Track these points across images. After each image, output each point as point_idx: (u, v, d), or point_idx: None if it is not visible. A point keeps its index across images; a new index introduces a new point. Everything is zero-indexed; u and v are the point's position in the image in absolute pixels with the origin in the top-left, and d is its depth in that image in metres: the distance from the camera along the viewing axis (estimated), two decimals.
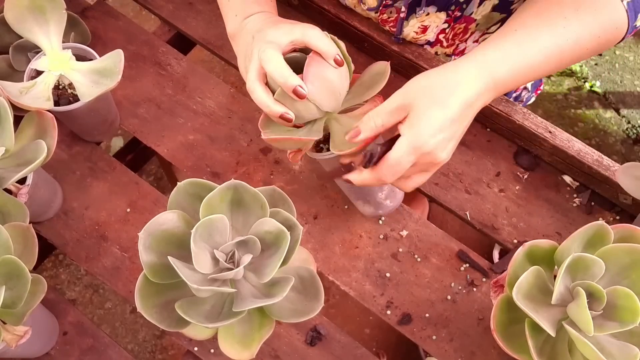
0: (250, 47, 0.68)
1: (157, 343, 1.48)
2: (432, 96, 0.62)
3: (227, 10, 0.75)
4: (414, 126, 0.62)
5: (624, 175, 0.73)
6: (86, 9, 0.95)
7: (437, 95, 0.62)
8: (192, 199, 0.64)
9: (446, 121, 0.62)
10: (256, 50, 0.66)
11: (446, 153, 0.64)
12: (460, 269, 0.80)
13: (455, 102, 0.62)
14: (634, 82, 1.83)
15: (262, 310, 0.65)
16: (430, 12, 0.83)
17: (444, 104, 0.62)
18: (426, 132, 0.61)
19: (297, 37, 0.65)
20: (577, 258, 0.58)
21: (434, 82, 0.63)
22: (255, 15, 0.72)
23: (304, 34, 0.65)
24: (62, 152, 0.87)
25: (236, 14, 0.74)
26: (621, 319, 0.57)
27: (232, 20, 0.74)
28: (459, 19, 0.84)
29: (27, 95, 0.74)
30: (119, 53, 0.76)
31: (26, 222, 0.70)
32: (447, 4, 0.81)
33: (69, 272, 1.55)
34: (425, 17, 0.83)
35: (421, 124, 0.61)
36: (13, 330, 0.66)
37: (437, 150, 0.63)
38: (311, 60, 0.64)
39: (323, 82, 0.65)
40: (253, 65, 0.66)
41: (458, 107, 0.62)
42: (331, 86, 0.66)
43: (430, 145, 0.62)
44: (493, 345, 0.75)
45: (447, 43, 0.88)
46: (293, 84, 0.63)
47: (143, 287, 0.62)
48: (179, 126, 0.88)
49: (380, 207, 0.79)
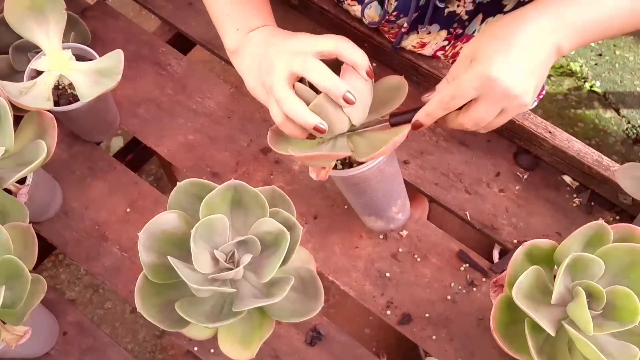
0: (265, 60, 0.65)
1: (157, 343, 1.48)
2: (493, 33, 0.59)
3: (226, 24, 0.71)
4: (476, 59, 0.59)
5: (623, 176, 0.73)
6: (86, 9, 0.95)
7: (497, 31, 0.59)
8: (192, 199, 0.64)
9: (509, 48, 0.58)
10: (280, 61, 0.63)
11: (519, 86, 0.58)
12: (460, 269, 0.80)
13: (518, 31, 0.58)
14: (634, 82, 1.83)
15: (262, 310, 0.65)
16: (432, 30, 0.82)
17: (505, 34, 0.58)
18: (489, 59, 0.57)
19: (329, 48, 0.62)
20: (577, 258, 0.58)
21: (495, 23, 0.61)
22: (260, 29, 0.69)
23: (337, 46, 0.62)
24: (62, 152, 0.87)
25: (237, 28, 0.70)
26: (621, 319, 0.57)
27: (232, 34, 0.70)
28: (460, 36, 0.84)
29: (27, 95, 0.74)
30: (119, 53, 0.76)
31: (26, 222, 0.70)
32: (450, 22, 0.81)
33: (69, 272, 1.55)
34: (426, 35, 0.83)
35: (483, 55, 0.58)
36: (13, 330, 0.66)
37: (505, 80, 0.57)
38: (345, 71, 0.62)
39: (356, 93, 0.62)
40: (281, 75, 0.62)
41: (522, 36, 0.58)
42: (362, 98, 0.63)
43: (495, 73, 0.57)
44: (493, 345, 0.75)
45: (445, 59, 0.88)
46: (343, 90, 0.60)
47: (143, 287, 0.62)
48: (179, 126, 0.88)
49: (392, 222, 0.79)
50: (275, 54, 0.64)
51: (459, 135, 0.87)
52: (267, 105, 0.65)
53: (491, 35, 0.60)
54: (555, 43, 0.60)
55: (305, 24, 0.94)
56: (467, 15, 0.80)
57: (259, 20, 0.70)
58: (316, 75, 0.61)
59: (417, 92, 0.89)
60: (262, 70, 0.65)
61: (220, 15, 0.72)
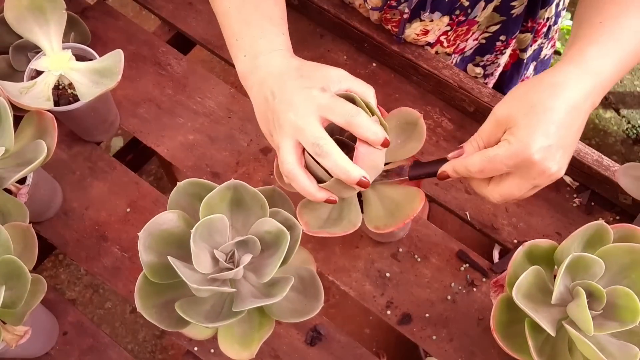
0: (273, 114, 0.61)
1: (157, 343, 1.48)
2: (532, 102, 0.56)
3: (235, 49, 0.67)
4: (513, 133, 0.56)
5: (624, 176, 0.73)
6: (86, 9, 0.95)
7: (536, 100, 0.56)
8: (192, 199, 0.64)
9: (550, 126, 0.55)
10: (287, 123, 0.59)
11: (556, 164, 0.57)
12: (460, 269, 0.80)
13: (558, 105, 0.56)
14: (634, 82, 1.83)
15: (262, 310, 0.65)
16: (435, 18, 0.82)
17: (545, 107, 0.55)
18: (529, 140, 0.55)
19: (339, 122, 0.59)
20: (577, 258, 0.58)
21: (532, 88, 0.57)
22: (268, 56, 0.64)
23: (349, 123, 0.58)
24: (62, 152, 0.87)
25: (245, 54, 0.65)
26: (621, 319, 0.57)
27: (241, 61, 0.66)
28: (462, 22, 0.84)
29: (27, 95, 0.74)
30: (119, 53, 0.76)
31: (26, 222, 0.70)
32: (452, 9, 0.81)
33: (69, 272, 1.55)
34: (429, 23, 0.83)
35: (521, 131, 0.55)
36: (13, 330, 0.66)
37: (545, 161, 0.56)
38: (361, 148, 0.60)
39: (370, 163, 0.60)
40: (288, 146, 0.59)
41: (563, 110, 0.56)
42: (376, 165, 0.62)
43: (536, 156, 0.55)
44: (493, 345, 0.75)
45: (447, 43, 0.88)
46: (357, 177, 0.58)
47: (143, 287, 0.62)
48: (179, 126, 0.88)
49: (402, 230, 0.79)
50: (282, 113, 0.60)
51: (459, 135, 0.87)
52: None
53: (529, 104, 0.56)
54: (592, 105, 0.59)
55: (305, 24, 0.94)
56: (469, 2, 0.80)
57: (267, 42, 0.65)
58: (330, 164, 0.58)
59: (418, 92, 0.90)
60: (270, 122, 0.63)
61: (230, 38, 0.68)
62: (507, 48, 0.91)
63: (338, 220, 0.66)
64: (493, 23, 0.85)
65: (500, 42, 0.89)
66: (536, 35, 0.92)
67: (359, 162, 0.59)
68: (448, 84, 0.85)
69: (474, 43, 0.91)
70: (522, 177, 0.58)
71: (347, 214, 0.67)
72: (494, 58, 0.93)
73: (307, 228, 0.65)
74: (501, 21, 0.85)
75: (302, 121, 0.59)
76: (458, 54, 0.92)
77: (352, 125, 0.58)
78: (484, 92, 0.84)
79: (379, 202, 0.66)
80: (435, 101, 0.89)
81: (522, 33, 0.90)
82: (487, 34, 0.88)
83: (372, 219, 0.65)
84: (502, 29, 0.87)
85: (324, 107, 0.59)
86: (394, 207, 0.66)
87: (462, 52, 0.92)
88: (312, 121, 0.59)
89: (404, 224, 0.65)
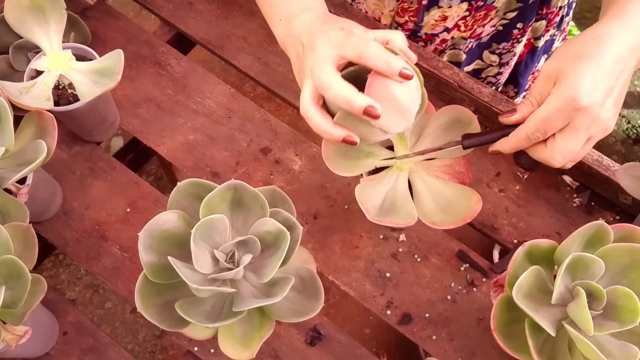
0: (301, 60, 0.62)
1: (157, 343, 1.49)
2: (577, 53, 0.57)
3: (271, 17, 0.68)
4: (561, 82, 0.57)
5: (624, 175, 0.73)
6: (86, 9, 0.95)
7: (582, 51, 0.57)
8: (192, 199, 0.64)
9: (597, 74, 0.56)
10: (308, 67, 0.59)
11: (606, 111, 0.57)
12: (460, 269, 0.80)
13: (605, 53, 0.57)
14: (634, 82, 1.83)
15: (262, 310, 0.65)
16: (453, 4, 0.83)
17: (592, 56, 0.57)
18: (577, 85, 0.56)
19: (351, 56, 0.58)
20: (577, 258, 0.58)
21: (577, 41, 0.59)
22: (300, 16, 0.65)
23: (360, 55, 0.57)
24: (62, 152, 0.87)
25: (280, 18, 0.67)
26: (621, 319, 0.57)
27: (277, 26, 0.67)
28: (480, 8, 0.85)
29: (27, 95, 0.74)
30: (119, 53, 0.76)
31: (26, 222, 0.70)
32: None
33: (69, 272, 1.56)
34: (447, 9, 0.84)
35: (569, 79, 0.56)
36: (13, 330, 0.66)
37: (595, 107, 0.56)
38: (372, 80, 0.57)
39: (389, 103, 0.57)
40: (307, 87, 0.59)
41: (608, 59, 0.57)
42: (399, 106, 0.58)
43: (585, 100, 0.56)
44: (493, 345, 0.75)
45: (465, 28, 0.89)
46: (361, 105, 0.56)
47: (143, 287, 0.62)
48: (179, 126, 0.88)
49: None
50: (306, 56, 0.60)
51: None
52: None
53: (575, 55, 0.58)
54: (638, 59, 0.59)
55: None
56: None
57: (299, 4, 0.66)
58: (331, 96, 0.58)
59: None
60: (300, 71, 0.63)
61: (266, 6, 0.69)
62: (523, 36, 0.93)
63: (392, 210, 0.66)
64: (510, 10, 0.87)
65: (517, 30, 0.91)
66: (549, 24, 0.93)
67: (370, 93, 0.57)
68: (448, 83, 0.85)
69: (491, 29, 0.91)
70: (575, 128, 0.58)
71: (401, 204, 0.66)
72: (510, 46, 0.94)
73: (369, 215, 0.65)
74: (518, 7, 0.86)
75: (314, 60, 0.59)
76: (474, 39, 0.93)
77: (363, 58, 0.58)
78: (484, 92, 0.84)
79: (429, 195, 0.65)
80: (435, 101, 0.89)
81: (536, 21, 0.91)
82: (505, 21, 0.89)
83: (426, 213, 0.64)
84: (519, 16, 0.88)
85: (339, 45, 0.59)
86: (446, 203, 0.65)
87: (478, 38, 0.93)
88: (321, 60, 0.58)
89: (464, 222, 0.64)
